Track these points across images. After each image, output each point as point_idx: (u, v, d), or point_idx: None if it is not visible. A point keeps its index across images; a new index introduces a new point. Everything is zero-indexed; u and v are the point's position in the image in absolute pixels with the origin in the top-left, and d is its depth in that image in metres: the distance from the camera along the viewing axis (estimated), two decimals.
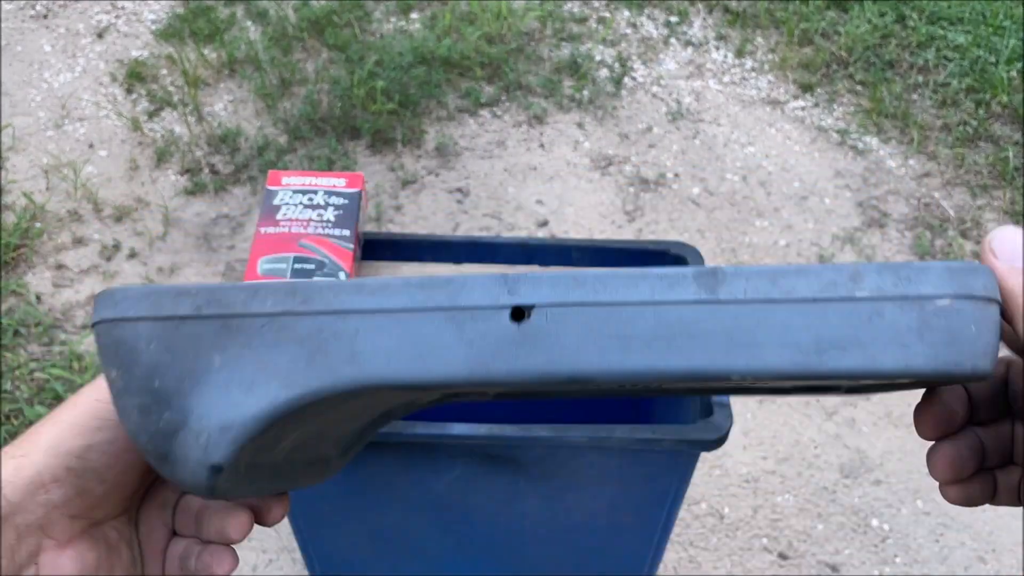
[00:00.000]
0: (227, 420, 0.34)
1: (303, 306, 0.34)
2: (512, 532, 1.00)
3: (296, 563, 1.47)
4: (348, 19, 2.73)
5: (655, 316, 0.32)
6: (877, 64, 2.70)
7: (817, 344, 0.32)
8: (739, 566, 1.51)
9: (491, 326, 0.33)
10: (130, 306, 0.35)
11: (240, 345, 0.34)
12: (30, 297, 1.89)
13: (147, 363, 0.35)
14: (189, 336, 0.34)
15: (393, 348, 0.33)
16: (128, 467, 0.39)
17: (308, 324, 0.34)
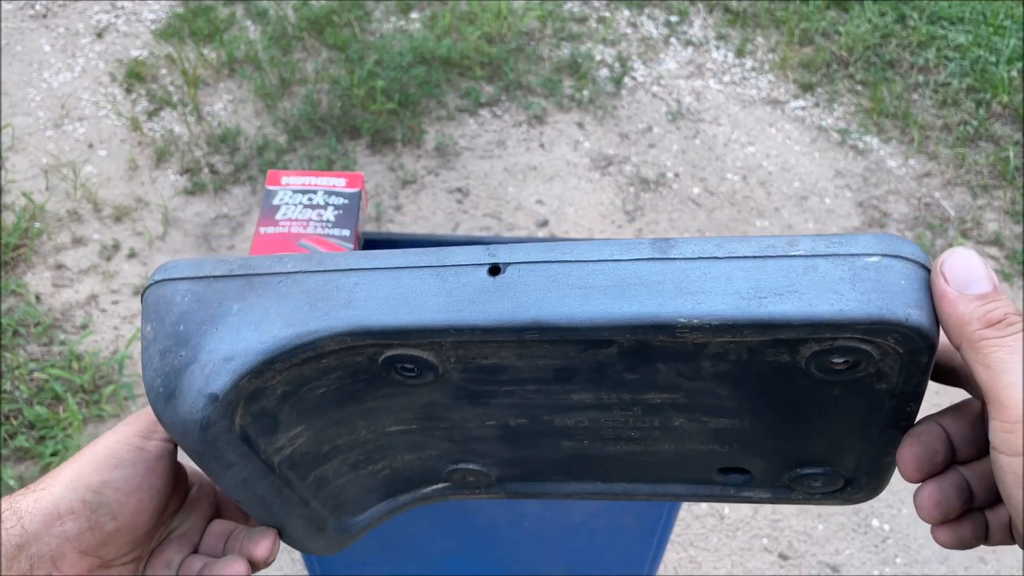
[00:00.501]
0: (231, 352, 0.37)
1: (316, 266, 0.38)
2: (512, 532, 1.00)
3: (296, 563, 1.47)
4: (348, 19, 2.73)
5: (612, 270, 0.36)
6: (877, 64, 2.70)
7: (757, 291, 0.34)
8: (739, 566, 1.51)
9: (470, 279, 0.37)
10: (177, 271, 0.40)
11: (257, 296, 0.38)
12: (29, 297, 1.88)
13: (177, 312, 0.39)
14: (217, 290, 0.39)
15: (384, 296, 0.37)
16: (139, 507, 0.41)
17: (317, 279, 0.38)
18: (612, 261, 0.36)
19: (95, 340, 1.80)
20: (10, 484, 1.53)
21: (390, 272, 0.37)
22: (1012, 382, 0.31)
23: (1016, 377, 0.31)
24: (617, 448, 0.45)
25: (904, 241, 0.35)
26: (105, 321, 1.85)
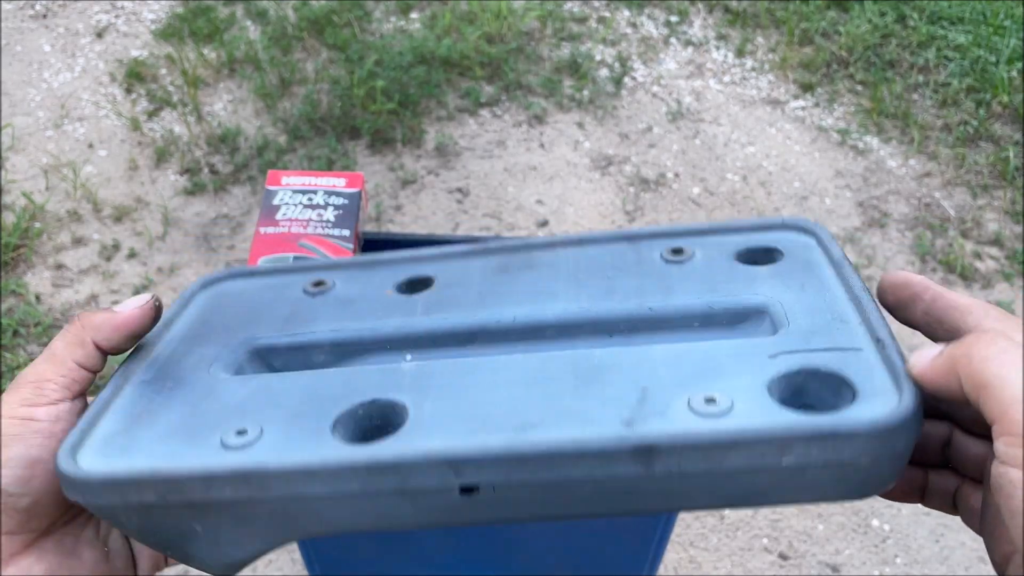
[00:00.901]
0: (229, 561, 0.39)
1: (262, 493, 0.36)
2: (512, 532, 1.00)
3: (296, 563, 1.47)
4: (348, 19, 2.73)
5: (593, 486, 0.34)
6: (877, 64, 2.70)
7: (744, 496, 0.35)
8: (739, 566, 1.51)
9: (442, 499, 0.35)
10: (98, 496, 0.37)
11: (214, 518, 0.37)
12: (29, 297, 1.88)
13: (135, 530, 0.38)
14: (163, 515, 0.37)
15: (355, 515, 0.37)
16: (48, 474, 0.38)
17: (271, 506, 0.36)
18: (591, 481, 0.34)
19: None
20: None
21: (352, 499, 0.36)
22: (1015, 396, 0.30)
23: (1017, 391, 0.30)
24: None
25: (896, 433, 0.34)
26: None
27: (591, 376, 0.39)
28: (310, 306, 0.48)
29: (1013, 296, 2.02)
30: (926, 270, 2.08)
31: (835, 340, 0.39)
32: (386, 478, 0.35)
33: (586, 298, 0.45)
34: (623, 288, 0.45)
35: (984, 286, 2.04)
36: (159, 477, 0.36)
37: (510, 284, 0.47)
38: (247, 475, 0.35)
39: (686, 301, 0.44)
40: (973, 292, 2.03)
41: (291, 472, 0.35)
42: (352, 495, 0.35)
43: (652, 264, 0.47)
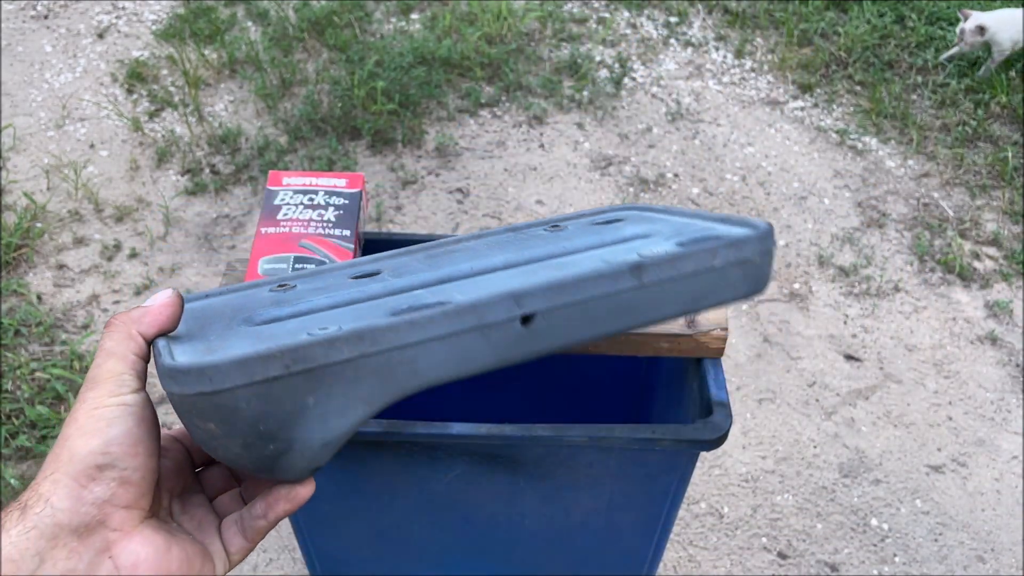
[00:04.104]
0: (327, 439, 0.44)
1: (372, 347, 0.43)
2: (512, 532, 1.00)
3: (296, 562, 1.48)
4: (348, 19, 2.73)
5: (607, 303, 0.50)
6: (876, 64, 2.71)
7: (695, 299, 0.53)
8: (739, 565, 1.51)
9: (508, 332, 0.47)
10: (224, 378, 0.41)
11: (328, 386, 0.42)
12: (31, 297, 1.89)
13: (249, 416, 0.41)
14: (283, 389, 0.41)
15: (443, 360, 0.45)
16: (148, 453, 0.42)
17: (378, 360, 0.44)
18: (606, 297, 0.50)
19: (97, 340, 1.81)
20: (12, 483, 1.54)
21: (442, 341, 0.45)
22: None
23: None
24: None
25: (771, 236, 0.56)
26: (106, 321, 1.85)
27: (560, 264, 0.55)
28: (289, 295, 0.55)
29: (1012, 296, 2.02)
30: (925, 270, 2.09)
31: (695, 231, 0.59)
32: (466, 317, 0.46)
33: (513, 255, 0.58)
34: (536, 247, 0.60)
35: (983, 286, 2.05)
36: (286, 348, 0.41)
37: (445, 259, 0.59)
38: (362, 333, 0.43)
39: (586, 242, 0.59)
40: (972, 292, 2.04)
41: (397, 324, 0.44)
42: (440, 338, 0.45)
43: (541, 236, 0.63)
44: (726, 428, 0.82)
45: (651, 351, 0.86)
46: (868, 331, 1.93)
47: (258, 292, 0.57)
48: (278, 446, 0.43)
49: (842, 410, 1.77)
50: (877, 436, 1.73)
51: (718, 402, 0.84)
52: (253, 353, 0.40)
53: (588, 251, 0.58)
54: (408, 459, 0.88)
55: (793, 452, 1.69)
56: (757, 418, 1.74)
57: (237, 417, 0.41)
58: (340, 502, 0.96)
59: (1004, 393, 1.82)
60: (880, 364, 1.87)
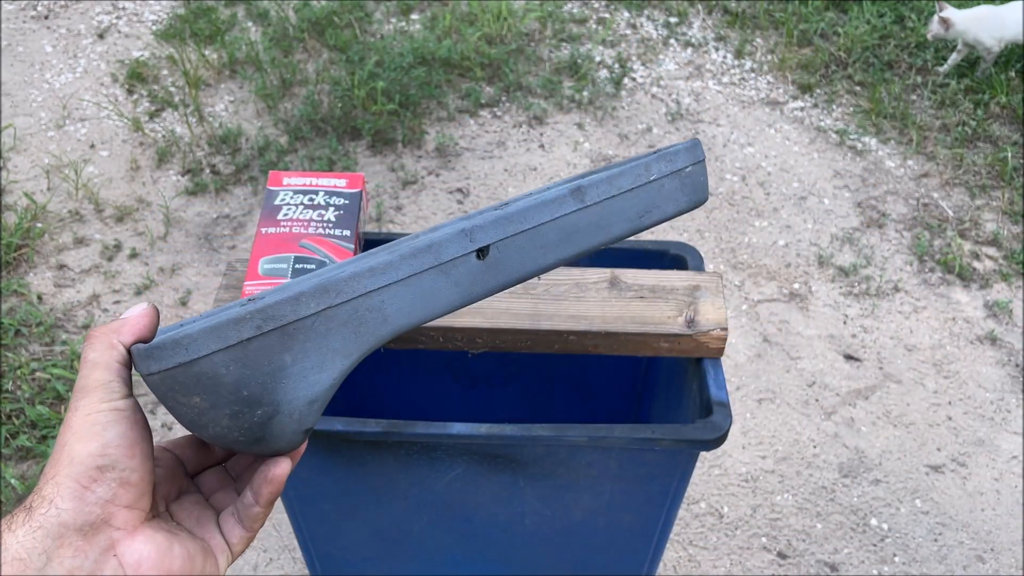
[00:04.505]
0: (311, 396, 0.45)
1: (338, 299, 0.45)
2: (512, 531, 1.01)
3: (297, 562, 1.48)
4: (349, 20, 2.73)
5: (555, 227, 0.53)
6: (876, 65, 2.71)
7: (639, 214, 0.57)
8: (738, 565, 1.51)
9: (467, 267, 0.49)
10: (199, 346, 0.42)
11: (302, 342, 0.43)
12: (31, 297, 1.89)
13: (230, 382, 0.42)
14: (258, 349, 0.42)
15: (409, 303, 0.47)
16: (144, 455, 0.43)
17: (346, 310, 0.45)
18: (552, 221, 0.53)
19: None
20: (12, 483, 1.54)
21: (404, 283, 0.47)
22: None
23: None
24: None
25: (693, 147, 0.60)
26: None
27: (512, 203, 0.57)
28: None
29: (1011, 296, 2.03)
30: (924, 270, 2.09)
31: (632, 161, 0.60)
32: (424, 258, 0.48)
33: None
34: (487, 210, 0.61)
35: (982, 286, 2.05)
36: (255, 309, 0.43)
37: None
38: (326, 285, 0.44)
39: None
40: (971, 292, 2.04)
41: (358, 273, 0.45)
42: (402, 280, 0.47)
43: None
44: (726, 428, 0.82)
45: (651, 351, 0.86)
46: (868, 331, 1.93)
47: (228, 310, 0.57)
48: (264, 410, 0.44)
49: (842, 410, 1.77)
50: (877, 436, 1.73)
51: (718, 402, 0.84)
52: (225, 318, 0.42)
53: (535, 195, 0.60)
54: (408, 459, 0.88)
55: (793, 452, 1.69)
56: (757, 418, 1.74)
57: (219, 384, 0.42)
58: (340, 502, 0.96)
59: (1004, 393, 1.82)
60: (880, 364, 1.87)
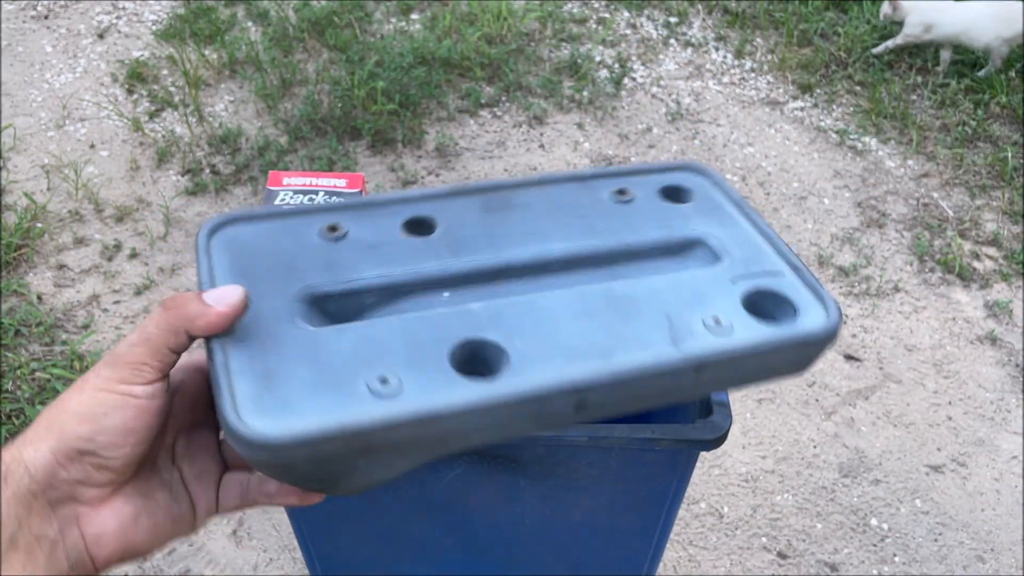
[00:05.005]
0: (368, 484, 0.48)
1: (431, 430, 0.45)
2: (512, 532, 1.01)
3: (297, 562, 1.48)
4: (349, 20, 2.73)
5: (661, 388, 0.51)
6: (876, 64, 2.71)
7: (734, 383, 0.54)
8: (738, 565, 1.51)
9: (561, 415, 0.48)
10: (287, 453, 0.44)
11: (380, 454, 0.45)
12: (31, 297, 1.89)
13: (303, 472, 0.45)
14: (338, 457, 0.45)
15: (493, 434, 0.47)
16: (137, 442, 0.43)
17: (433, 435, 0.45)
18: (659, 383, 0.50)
19: (97, 340, 1.81)
20: None
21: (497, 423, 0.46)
22: None
23: None
24: None
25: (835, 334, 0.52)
26: (107, 321, 1.86)
27: (623, 307, 0.52)
28: (340, 253, 0.53)
29: (1011, 296, 2.03)
30: (924, 270, 2.09)
31: (763, 265, 0.56)
32: (526, 408, 0.45)
33: (573, 237, 0.56)
34: (598, 226, 0.57)
35: (982, 286, 2.05)
36: (348, 431, 0.42)
37: (504, 225, 0.56)
38: (423, 419, 0.43)
39: (648, 236, 0.57)
40: (971, 292, 2.04)
41: (463, 411, 0.44)
42: (499, 421, 0.45)
43: (607, 204, 0.59)
44: (726, 428, 0.82)
45: None
46: (868, 331, 1.93)
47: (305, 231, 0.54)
48: (322, 487, 0.47)
49: (842, 410, 1.77)
50: (877, 436, 1.73)
51: (718, 402, 0.84)
52: (317, 433, 0.42)
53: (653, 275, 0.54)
54: None
55: (793, 452, 1.69)
56: (757, 418, 1.75)
57: (291, 472, 0.44)
58: (340, 502, 0.96)
59: (1004, 393, 1.82)
60: (880, 364, 1.87)
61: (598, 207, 0.59)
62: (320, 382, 0.45)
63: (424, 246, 0.55)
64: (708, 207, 0.60)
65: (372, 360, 0.46)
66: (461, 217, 0.56)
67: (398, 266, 0.53)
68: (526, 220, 0.57)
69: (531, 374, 0.46)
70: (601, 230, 0.57)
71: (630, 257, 0.57)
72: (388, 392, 0.45)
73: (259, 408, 0.44)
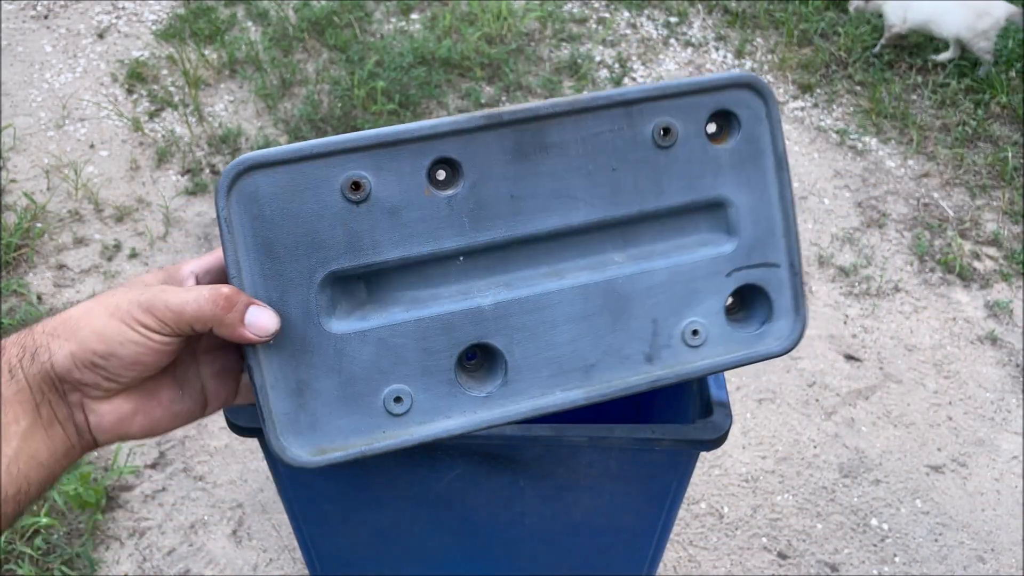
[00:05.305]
0: None
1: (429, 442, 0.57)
2: (512, 532, 1.00)
3: (297, 562, 1.48)
4: (348, 20, 2.73)
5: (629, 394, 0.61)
6: (876, 65, 2.71)
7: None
8: (738, 565, 1.51)
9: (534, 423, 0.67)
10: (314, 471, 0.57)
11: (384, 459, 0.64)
12: (31, 297, 1.89)
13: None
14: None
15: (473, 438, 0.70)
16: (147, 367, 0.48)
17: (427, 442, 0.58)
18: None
19: None
20: None
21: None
22: None
23: None
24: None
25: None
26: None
27: (618, 308, 0.58)
28: (362, 221, 0.53)
29: (1012, 296, 2.02)
30: (924, 270, 2.09)
31: (766, 255, 0.59)
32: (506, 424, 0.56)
33: (598, 202, 0.57)
34: (625, 187, 0.57)
35: (982, 286, 2.05)
36: (366, 455, 0.53)
37: (532, 180, 0.55)
38: (422, 441, 0.55)
39: (672, 200, 0.58)
40: (972, 292, 2.04)
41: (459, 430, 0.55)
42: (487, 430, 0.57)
43: (647, 150, 0.57)
44: (726, 428, 0.82)
45: None
46: (868, 331, 1.93)
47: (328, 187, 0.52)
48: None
49: (842, 410, 1.77)
50: (877, 436, 1.73)
51: (718, 402, 0.84)
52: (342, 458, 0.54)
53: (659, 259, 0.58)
54: (408, 459, 0.88)
55: (793, 452, 1.69)
56: (757, 418, 1.74)
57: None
58: (340, 502, 0.96)
59: (1004, 393, 1.82)
60: (880, 364, 1.87)
61: (634, 153, 0.56)
62: (345, 397, 0.54)
63: (447, 211, 0.54)
64: (747, 154, 0.58)
65: (389, 371, 0.54)
66: (489, 164, 0.54)
67: (417, 242, 0.53)
68: (555, 172, 0.55)
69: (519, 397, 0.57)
70: (628, 190, 0.57)
71: (647, 228, 0.58)
72: (401, 410, 0.55)
73: (295, 428, 0.53)
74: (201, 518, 1.52)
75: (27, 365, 0.47)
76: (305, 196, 0.51)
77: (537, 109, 0.54)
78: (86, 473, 1.50)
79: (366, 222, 0.52)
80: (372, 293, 0.54)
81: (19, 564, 1.41)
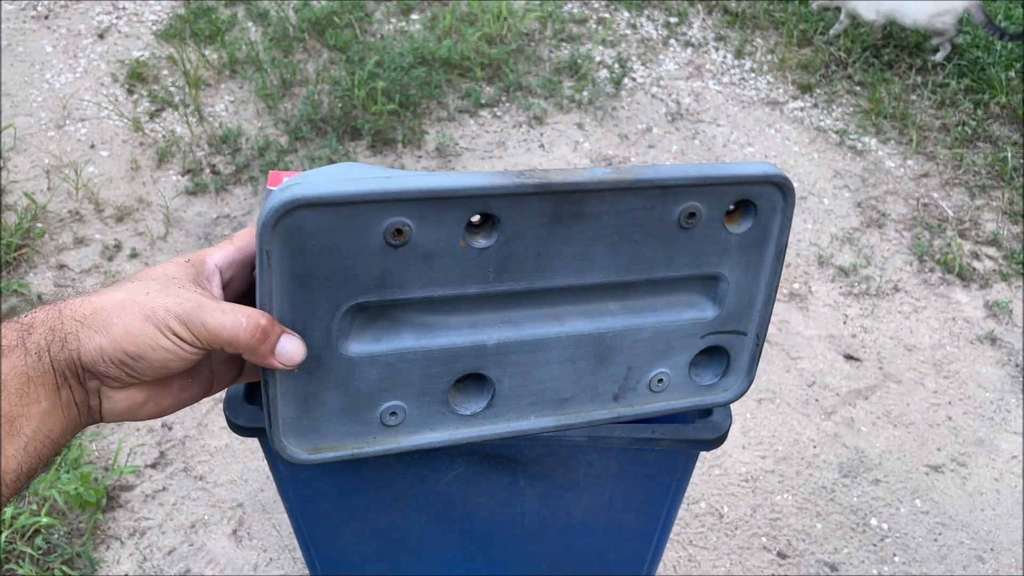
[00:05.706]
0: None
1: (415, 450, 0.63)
2: (512, 532, 1.01)
3: (297, 562, 1.48)
4: (349, 20, 2.74)
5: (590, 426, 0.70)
6: (876, 65, 2.71)
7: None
8: (738, 565, 1.52)
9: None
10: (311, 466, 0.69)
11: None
12: (32, 297, 1.89)
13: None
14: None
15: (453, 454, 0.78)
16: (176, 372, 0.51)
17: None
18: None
19: None
20: None
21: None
22: None
23: None
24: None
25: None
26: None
27: (603, 355, 0.63)
28: (396, 262, 0.54)
29: (1011, 296, 2.03)
30: (924, 270, 2.09)
31: (739, 324, 0.65)
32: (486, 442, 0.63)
33: (614, 268, 0.60)
34: (642, 257, 0.60)
35: (982, 286, 2.05)
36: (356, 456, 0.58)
37: (562, 243, 0.58)
38: (408, 450, 0.61)
39: (677, 272, 0.62)
40: (971, 292, 2.04)
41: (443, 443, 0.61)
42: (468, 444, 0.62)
43: (670, 228, 0.60)
44: (725, 428, 0.82)
45: None
46: (868, 331, 1.93)
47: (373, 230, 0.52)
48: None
49: (842, 410, 1.77)
50: (877, 436, 1.73)
51: None
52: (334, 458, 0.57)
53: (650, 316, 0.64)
54: (408, 459, 0.88)
55: (793, 452, 1.69)
56: (757, 418, 1.75)
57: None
58: (340, 502, 0.97)
59: (1004, 393, 1.82)
60: (880, 364, 1.87)
61: (658, 229, 0.60)
62: (347, 408, 0.58)
63: (476, 261, 0.56)
64: (754, 240, 0.62)
65: (390, 390, 0.58)
66: (526, 224, 0.56)
67: (443, 287, 0.56)
68: (584, 238, 0.58)
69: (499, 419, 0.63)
70: (643, 261, 0.61)
71: (649, 290, 0.63)
72: (395, 422, 0.59)
73: (296, 431, 0.57)
74: (201, 518, 1.52)
75: (55, 351, 0.49)
76: (348, 235, 0.52)
77: (586, 183, 0.56)
78: (86, 473, 1.50)
79: (400, 263, 0.54)
80: (388, 317, 0.57)
81: (19, 564, 1.41)
